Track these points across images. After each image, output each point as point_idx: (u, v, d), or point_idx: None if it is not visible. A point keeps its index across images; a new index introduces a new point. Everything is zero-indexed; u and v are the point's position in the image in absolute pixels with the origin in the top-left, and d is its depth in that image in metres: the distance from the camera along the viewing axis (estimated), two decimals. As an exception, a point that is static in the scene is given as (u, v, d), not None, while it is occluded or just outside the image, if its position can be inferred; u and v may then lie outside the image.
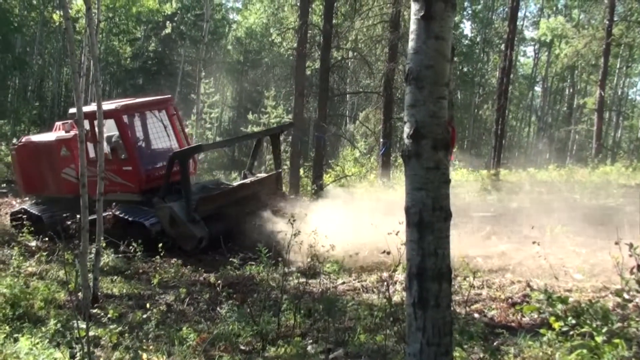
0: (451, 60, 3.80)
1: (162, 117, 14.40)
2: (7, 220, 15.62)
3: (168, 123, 14.46)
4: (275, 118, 32.04)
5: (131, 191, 12.98)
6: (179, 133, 14.60)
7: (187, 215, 12.14)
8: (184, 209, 12.17)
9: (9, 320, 7.43)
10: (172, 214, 12.09)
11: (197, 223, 12.10)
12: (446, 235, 3.69)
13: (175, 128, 14.57)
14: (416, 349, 3.66)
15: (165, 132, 14.40)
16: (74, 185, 13.52)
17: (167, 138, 14.42)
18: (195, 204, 12.34)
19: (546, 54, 52.18)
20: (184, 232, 12.04)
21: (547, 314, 5.87)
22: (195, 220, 12.10)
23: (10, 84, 38.90)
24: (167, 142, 14.41)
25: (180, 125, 14.78)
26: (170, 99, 15.28)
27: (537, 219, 9.84)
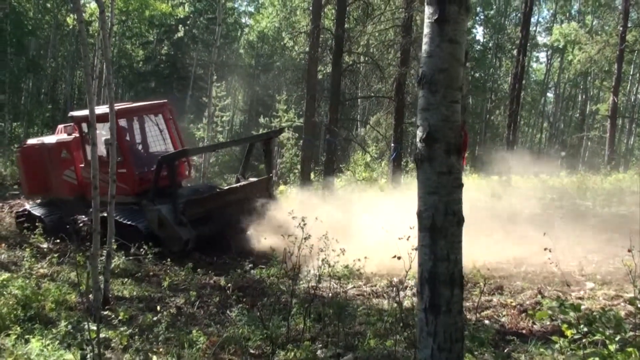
0: (464, 64, 3.79)
1: (158, 121, 14.75)
2: (16, 221, 15.76)
3: (164, 127, 14.77)
4: (286, 122, 32.05)
5: (126, 193, 13.07)
6: (174, 137, 14.81)
7: (174, 217, 12.35)
8: (171, 211, 12.37)
9: (20, 321, 7.45)
10: (160, 216, 12.32)
11: (183, 225, 12.33)
12: (459, 240, 3.67)
13: (171, 132, 14.80)
14: (427, 354, 3.64)
15: (161, 135, 14.65)
16: (75, 187, 14.14)
17: (163, 142, 14.72)
18: (182, 207, 12.55)
19: (559, 60, 51.97)
20: (171, 234, 12.24)
21: (559, 322, 5.83)
22: (182, 222, 12.34)
23: (24, 86, 39.12)
24: (163, 145, 14.65)
25: (175, 129, 14.98)
26: (166, 103, 15.41)
27: (549, 225, 9.79)
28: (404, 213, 9.35)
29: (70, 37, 40.84)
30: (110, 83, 10.23)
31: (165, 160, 12.81)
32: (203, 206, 13.17)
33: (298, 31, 28.04)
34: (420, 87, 3.69)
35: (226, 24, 43.95)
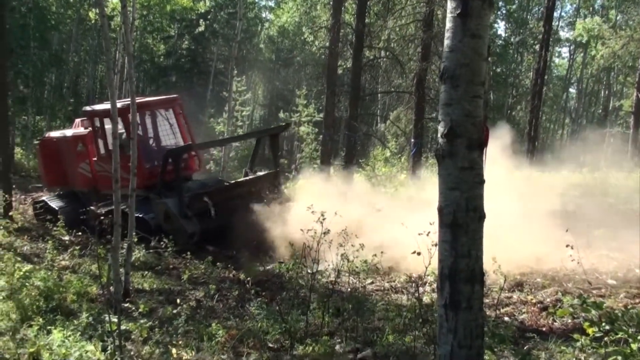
0: (487, 59, 3.75)
1: (168, 115, 14.93)
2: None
3: (174, 122, 14.96)
4: (306, 117, 32.02)
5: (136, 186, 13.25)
6: (184, 131, 15.07)
7: (180, 211, 12.52)
8: (177, 205, 12.52)
9: (42, 312, 7.54)
10: (166, 210, 12.51)
11: (189, 219, 12.53)
12: (480, 237, 3.64)
13: (181, 126, 15.06)
14: (447, 350, 3.62)
15: (171, 130, 14.78)
16: (89, 179, 14.57)
17: (173, 136, 14.89)
18: (187, 200, 12.65)
19: (582, 55, 51.35)
20: (177, 227, 12.40)
21: (581, 320, 5.77)
22: (188, 216, 12.52)
23: (47, 80, 39.43)
24: (173, 139, 14.80)
25: (186, 124, 15.24)
26: (177, 98, 15.71)
27: (570, 222, 9.68)
28: (424, 208, 9.33)
29: (93, 31, 41.12)
30: (131, 77, 10.30)
31: (171, 155, 13.04)
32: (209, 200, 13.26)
33: (318, 26, 28.01)
34: (442, 82, 3.67)
35: (247, 19, 43.97)
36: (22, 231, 13.40)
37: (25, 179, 23.33)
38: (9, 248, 11.20)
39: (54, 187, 16.28)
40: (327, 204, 8.50)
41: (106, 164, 13.97)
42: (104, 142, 14.21)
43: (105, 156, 14.20)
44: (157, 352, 6.10)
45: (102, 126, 14.12)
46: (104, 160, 14.16)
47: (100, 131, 14.17)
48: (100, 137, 14.23)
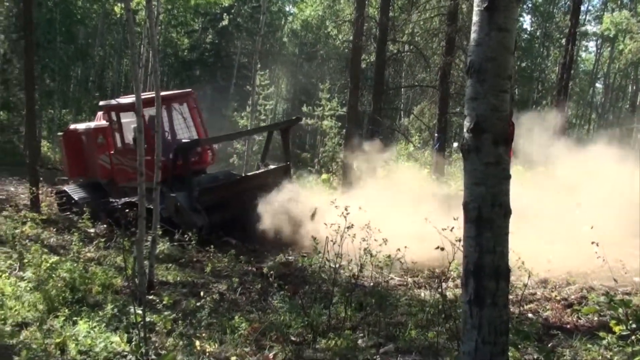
0: (513, 53, 3.72)
1: (182, 110, 15.05)
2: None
3: (188, 116, 15.08)
4: (329, 111, 32.00)
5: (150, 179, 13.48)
6: (198, 125, 15.24)
7: (189, 205, 12.66)
8: (187, 199, 12.61)
9: (68, 303, 7.63)
10: (176, 203, 12.62)
11: (198, 212, 12.67)
12: (505, 233, 3.61)
13: (195, 120, 15.23)
14: (471, 347, 3.60)
15: (185, 124, 14.95)
16: (109, 171, 14.87)
17: (187, 130, 14.97)
18: (197, 194, 12.78)
19: (609, 49, 50.65)
20: (186, 220, 12.52)
21: (608, 317, 5.71)
22: (197, 209, 12.64)
23: (73, 74, 39.86)
24: (187, 133, 14.91)
25: (200, 118, 15.40)
26: (191, 92, 15.93)
27: (597, 219, 9.56)
28: (448, 203, 9.29)
29: (118, 25, 41.44)
30: (156, 71, 10.37)
31: (179, 150, 13.23)
32: (217, 194, 13.45)
33: (342, 19, 27.95)
34: (468, 76, 3.64)
35: (270, 13, 44.00)
36: (49, 223, 13.57)
37: (51, 171, 23.59)
38: (36, 240, 11.36)
39: (77, 177, 16.68)
40: (351, 198, 8.50)
41: (123, 157, 14.43)
42: (120, 135, 14.49)
43: (121, 149, 14.54)
44: (181, 344, 6.15)
45: (118, 120, 14.42)
46: (121, 154, 14.56)
47: (117, 125, 14.46)
48: (117, 130, 14.52)
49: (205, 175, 14.79)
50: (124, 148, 14.47)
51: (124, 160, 14.52)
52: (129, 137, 14.34)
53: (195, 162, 14.48)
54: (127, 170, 14.35)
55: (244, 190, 13.62)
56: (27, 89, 15.89)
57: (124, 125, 14.50)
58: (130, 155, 14.04)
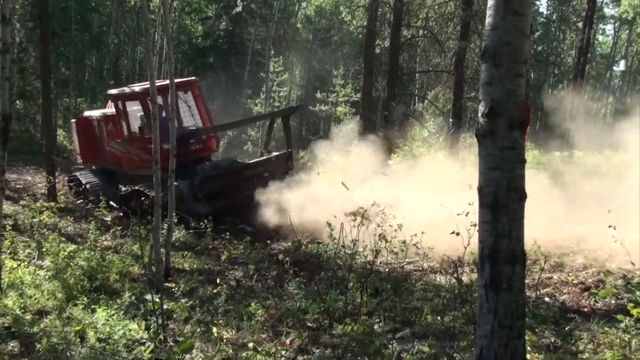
0: (529, 37, 3.69)
1: (187, 98, 15.16)
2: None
3: (193, 104, 15.21)
4: (343, 97, 31.92)
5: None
6: (203, 113, 15.37)
7: (191, 193, 12.80)
8: (189, 187, 12.74)
9: (86, 291, 7.72)
10: (178, 192, 12.62)
11: (199, 201, 12.79)
12: (521, 217, 3.61)
13: (200, 108, 15.35)
14: (487, 330, 3.61)
15: (190, 112, 15.00)
16: (118, 157, 15.13)
17: (192, 118, 15.03)
18: (198, 182, 12.91)
19: (627, 32, 50.04)
20: (188, 208, 12.56)
21: (625, 300, 5.69)
22: (198, 197, 12.73)
23: (88, 62, 40.00)
24: (192, 122, 14.98)
25: (204, 106, 15.56)
26: (196, 81, 16.12)
27: (613, 203, 9.49)
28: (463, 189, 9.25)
29: (132, 13, 41.52)
30: (170, 58, 10.38)
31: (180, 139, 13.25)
32: (218, 182, 13.52)
33: (356, 5, 27.78)
34: (483, 60, 3.62)
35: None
36: (66, 212, 13.70)
37: (68, 160, 23.75)
38: (53, 229, 11.47)
39: (88, 163, 17.09)
40: (365, 184, 8.49)
41: (129, 145, 14.66)
42: (126, 124, 14.69)
43: (128, 137, 14.76)
44: (199, 330, 6.21)
45: (124, 109, 14.62)
46: (127, 142, 14.79)
47: (123, 113, 14.66)
48: (123, 119, 14.72)
49: (209, 162, 14.90)
50: (130, 136, 14.70)
51: (130, 148, 14.76)
52: (135, 126, 14.59)
53: (200, 150, 14.64)
54: (134, 157, 14.63)
55: (246, 178, 13.69)
56: (43, 77, 16.00)
57: (130, 113, 14.75)
58: (137, 143, 14.46)
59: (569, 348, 5.25)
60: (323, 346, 5.95)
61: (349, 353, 5.68)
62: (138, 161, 14.46)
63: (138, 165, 14.46)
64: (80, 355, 5.49)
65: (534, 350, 5.17)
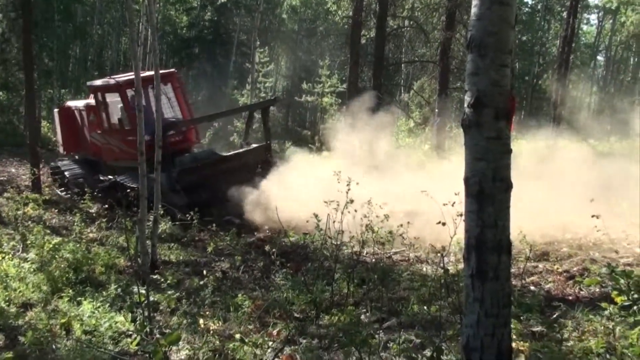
0: (514, 27, 3.70)
1: (166, 90, 15.03)
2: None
3: (172, 96, 15.14)
4: (329, 87, 31.87)
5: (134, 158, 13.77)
6: (182, 105, 15.43)
7: (168, 185, 12.74)
8: (166, 179, 12.66)
9: (72, 284, 7.68)
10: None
11: (177, 193, 12.80)
12: (507, 207, 3.63)
13: (180, 100, 15.40)
14: (473, 320, 3.63)
15: (169, 104, 14.99)
16: (99, 148, 15.28)
17: (171, 110, 15.03)
18: (176, 175, 12.93)
19: (611, 21, 50.29)
20: (167, 200, 12.50)
21: (609, 288, 5.74)
22: (176, 189, 12.73)
23: (71, 53, 39.66)
24: (171, 113, 15.02)
25: (184, 97, 15.63)
26: (175, 72, 16.16)
27: (598, 192, 9.57)
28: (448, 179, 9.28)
29: (116, 3, 41.16)
30: (155, 49, 10.34)
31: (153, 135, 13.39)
32: (196, 174, 13.52)
33: (342, -5, 27.71)
34: (469, 51, 3.62)
35: (269, -11, 43.69)
36: (51, 204, 13.63)
37: (52, 152, 23.56)
38: (38, 221, 11.39)
39: (70, 152, 17.17)
40: (351, 174, 8.49)
41: (109, 137, 14.76)
42: (106, 115, 14.76)
43: (107, 129, 14.82)
44: (185, 322, 6.19)
45: (104, 100, 14.73)
46: (107, 133, 14.86)
47: (103, 105, 14.76)
48: (103, 110, 14.81)
49: (188, 154, 14.89)
50: (110, 128, 14.76)
51: (110, 139, 14.84)
52: (114, 117, 14.58)
53: (179, 142, 14.62)
54: (114, 149, 14.74)
55: (225, 170, 13.69)
56: (26, 68, 15.86)
57: (110, 104, 14.78)
58: (116, 134, 14.53)
59: (554, 336, 5.29)
60: (310, 337, 5.96)
61: (336, 343, 5.69)
62: (118, 152, 14.57)
63: (118, 156, 14.58)
64: (65, 347, 5.47)
65: (519, 339, 5.21)
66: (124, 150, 14.30)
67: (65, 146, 17.08)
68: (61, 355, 5.33)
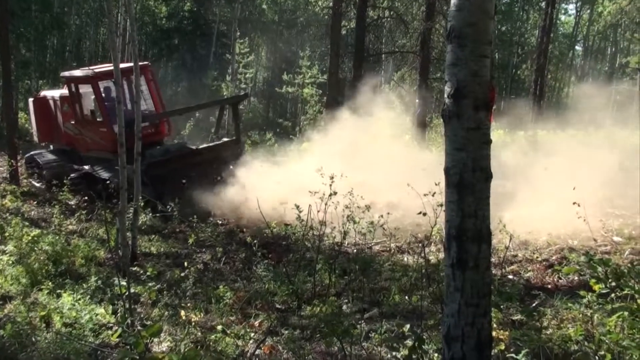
0: (493, 18, 3.71)
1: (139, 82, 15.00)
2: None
3: (145, 88, 15.17)
4: (310, 78, 31.81)
5: (106, 150, 13.99)
6: (155, 97, 15.50)
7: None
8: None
9: (51, 276, 7.62)
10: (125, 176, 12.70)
11: (146, 185, 12.64)
12: (486, 197, 3.64)
13: (152, 93, 15.44)
14: (454, 309, 3.65)
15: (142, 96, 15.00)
16: (72, 138, 15.37)
17: (144, 102, 14.97)
18: (145, 167, 12.80)
19: (588, 11, 50.64)
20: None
21: (587, 277, 5.80)
22: (145, 182, 12.61)
23: (49, 44, 39.15)
24: (144, 106, 14.98)
25: (157, 90, 15.67)
26: (148, 65, 16.20)
27: (576, 181, 9.66)
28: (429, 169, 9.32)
29: (94, -7, 40.75)
30: (134, 40, 10.25)
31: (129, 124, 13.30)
32: (164, 167, 13.49)
33: (321, -15, 27.65)
34: (448, 41, 3.62)
35: (249, -21, 43.41)
36: (29, 196, 13.51)
37: (30, 143, 23.28)
38: (16, 213, 11.29)
39: (44, 142, 17.18)
40: (332, 166, 8.50)
41: (82, 128, 14.86)
42: (79, 106, 14.77)
43: (80, 120, 14.87)
44: (167, 314, 6.19)
45: (77, 91, 14.71)
46: (80, 124, 14.93)
47: (76, 96, 14.75)
48: (76, 102, 14.82)
49: (159, 147, 14.87)
50: (83, 119, 14.80)
51: (83, 130, 14.91)
52: (87, 108, 14.64)
53: (151, 135, 14.56)
54: (86, 139, 14.84)
55: (195, 163, 13.68)
56: (3, 59, 15.64)
57: (83, 96, 14.79)
58: (88, 125, 14.64)
59: (533, 324, 5.35)
60: (292, 327, 5.98)
61: (318, 334, 5.72)
62: (90, 143, 14.68)
63: (90, 147, 14.70)
64: (45, 340, 5.43)
65: (499, 327, 5.26)
66: (96, 141, 14.44)
67: (40, 136, 17.12)
68: (41, 347, 5.29)
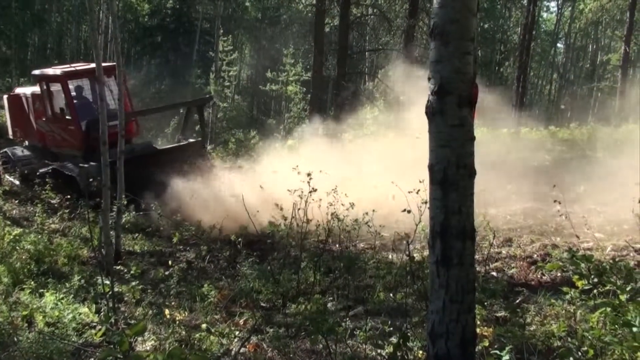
0: (476, 15, 3.71)
1: (110, 82, 14.96)
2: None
3: (114, 88, 14.96)
4: (294, 76, 31.75)
5: (75, 148, 14.26)
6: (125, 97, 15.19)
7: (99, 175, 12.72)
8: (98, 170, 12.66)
9: (34, 275, 7.55)
10: (88, 174, 12.67)
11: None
12: (470, 193, 3.66)
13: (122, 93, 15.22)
14: (439, 306, 3.66)
15: (111, 96, 14.96)
16: (44, 135, 15.49)
17: (113, 102, 14.95)
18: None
19: (570, 9, 50.98)
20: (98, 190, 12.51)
21: (570, 273, 5.84)
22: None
23: (30, 41, 38.85)
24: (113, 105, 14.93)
25: (126, 90, 15.31)
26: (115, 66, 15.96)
27: (558, 177, 9.74)
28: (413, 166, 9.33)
29: (75, -10, 40.42)
30: (116, 38, 10.20)
31: (89, 125, 13.71)
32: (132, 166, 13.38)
33: (305, -17, 27.61)
34: (431, 38, 3.63)
35: (231, -24, 43.24)
36: (10, 194, 13.37)
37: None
38: (-3, 212, 11.18)
39: (18, 139, 17.18)
40: (316, 163, 8.50)
41: (53, 125, 14.99)
42: (50, 104, 14.86)
43: (51, 117, 14.95)
44: (151, 313, 6.15)
45: (48, 89, 14.84)
46: (51, 121, 15.02)
47: (47, 94, 14.86)
48: (47, 99, 14.91)
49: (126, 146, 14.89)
50: (53, 116, 14.84)
51: (54, 127, 15.00)
52: (58, 106, 14.71)
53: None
54: (56, 137, 14.98)
55: (160, 163, 13.66)
56: (-17, 57, 15.55)
57: (55, 94, 14.88)
58: (58, 123, 14.76)
59: (517, 321, 5.38)
60: (277, 325, 5.97)
61: (303, 332, 5.71)
62: (60, 140, 14.81)
63: (60, 144, 14.84)
64: (28, 340, 5.37)
65: (483, 324, 5.29)
66: (65, 138, 14.60)
67: (14, 132, 17.25)
68: (23, 347, 5.24)
